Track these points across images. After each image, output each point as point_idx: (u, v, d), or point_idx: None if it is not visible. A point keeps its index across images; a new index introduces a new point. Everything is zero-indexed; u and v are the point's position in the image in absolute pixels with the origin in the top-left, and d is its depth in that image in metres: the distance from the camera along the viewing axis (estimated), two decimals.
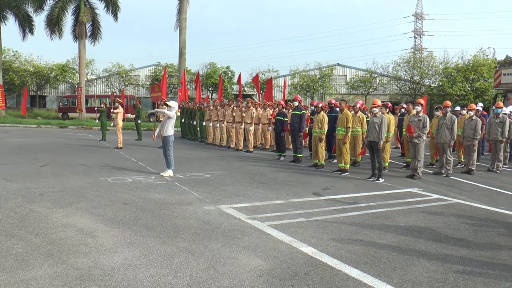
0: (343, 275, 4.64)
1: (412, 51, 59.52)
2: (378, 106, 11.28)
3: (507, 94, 23.13)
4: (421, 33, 74.81)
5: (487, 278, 4.74)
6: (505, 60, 51.77)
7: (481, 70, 42.26)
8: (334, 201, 8.32)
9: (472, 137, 12.60)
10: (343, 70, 52.80)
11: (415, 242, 5.94)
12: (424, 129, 11.48)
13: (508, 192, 9.97)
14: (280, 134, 15.01)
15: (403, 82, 48.35)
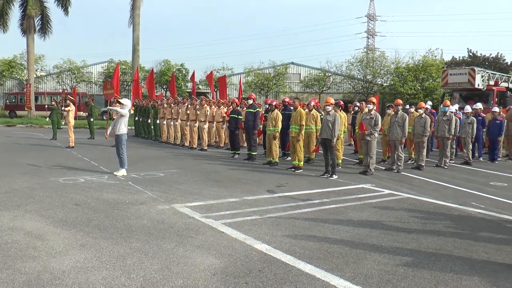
0: (296, 271, 4.69)
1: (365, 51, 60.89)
2: (331, 104, 11.46)
3: (454, 93, 23.98)
4: (373, 34, 76.46)
5: (433, 269, 4.92)
6: (451, 61, 53.78)
7: (430, 70, 43.73)
8: (288, 198, 8.40)
9: (422, 134, 12.98)
10: (297, 68, 53.35)
11: (367, 236, 6.09)
12: (376, 127, 11.74)
13: (455, 186, 10.35)
14: (234, 132, 15.02)
15: (356, 81, 49.32)
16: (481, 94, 22.61)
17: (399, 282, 4.50)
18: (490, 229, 6.75)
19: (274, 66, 49.38)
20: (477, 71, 22.76)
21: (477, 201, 8.70)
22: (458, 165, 14.34)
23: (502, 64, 53.29)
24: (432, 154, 16.09)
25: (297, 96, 16.50)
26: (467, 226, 6.87)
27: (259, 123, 14.51)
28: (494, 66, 48.08)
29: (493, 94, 22.68)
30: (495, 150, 15.84)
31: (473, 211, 7.92)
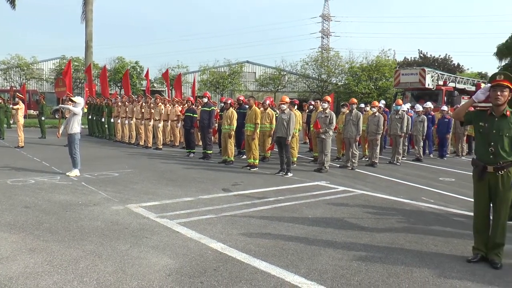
0: (252, 269, 4.72)
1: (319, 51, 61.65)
2: (286, 103, 11.57)
3: (405, 93, 24.64)
4: (328, 34, 77.47)
5: (386, 262, 5.06)
6: (403, 62, 55.29)
7: (383, 70, 44.84)
8: (243, 197, 8.42)
9: (375, 132, 13.28)
10: (253, 67, 53.54)
11: (322, 232, 6.18)
12: (330, 125, 11.92)
13: (406, 182, 10.65)
14: (189, 131, 14.92)
15: (311, 80, 49.93)
16: (431, 94, 23.34)
17: (352, 276, 4.60)
18: (439, 222, 6.99)
19: (229, 64, 49.39)
20: (427, 71, 23.49)
21: (427, 196, 9.01)
22: (410, 162, 14.76)
23: (450, 65, 55.40)
24: (385, 151, 16.52)
25: (252, 95, 16.55)
26: (418, 220, 7.09)
27: (214, 122, 14.48)
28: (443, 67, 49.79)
29: (442, 93, 23.44)
30: (444, 147, 16.44)
31: (423, 205, 8.19)
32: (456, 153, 17.24)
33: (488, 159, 5.09)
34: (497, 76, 5.14)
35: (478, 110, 5.35)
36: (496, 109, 5.09)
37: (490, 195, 5.15)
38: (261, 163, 12.72)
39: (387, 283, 4.47)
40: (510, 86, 5.03)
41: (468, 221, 6.38)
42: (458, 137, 17.07)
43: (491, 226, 5.21)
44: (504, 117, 5.05)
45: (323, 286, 4.35)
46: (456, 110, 5.64)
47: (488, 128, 5.09)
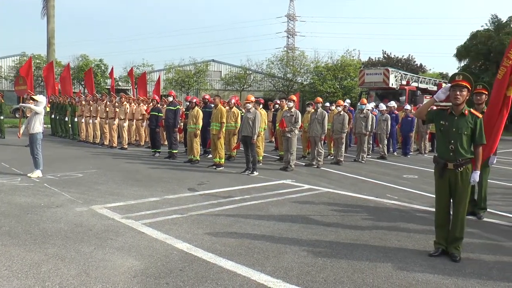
0: (218, 268, 4.71)
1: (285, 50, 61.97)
2: (252, 102, 11.59)
3: (370, 92, 25.05)
4: (293, 33, 77.92)
5: (351, 258, 5.15)
6: (368, 61, 56.23)
7: (348, 69, 45.45)
8: (209, 196, 8.40)
9: (340, 131, 13.43)
10: (218, 66, 53.37)
11: (288, 230, 6.22)
12: (296, 124, 11.99)
13: (371, 180, 10.83)
14: (155, 130, 14.78)
15: (277, 79, 50.12)
16: (394, 93, 23.80)
17: (318, 273, 4.65)
18: (402, 218, 7.13)
19: (195, 63, 49.15)
20: (391, 71, 23.96)
21: (391, 193, 9.19)
22: (374, 160, 15.01)
23: (413, 65, 56.72)
24: (350, 149, 16.74)
25: (218, 94, 16.51)
26: (382, 216, 7.23)
27: (179, 121, 14.37)
28: (406, 67, 50.88)
29: (405, 93, 23.93)
30: (408, 145, 16.83)
31: (387, 202, 8.35)
32: (419, 151, 17.61)
33: (448, 156, 5.24)
34: (457, 76, 5.33)
35: (439, 109, 5.50)
36: (456, 108, 5.26)
37: (450, 191, 5.31)
38: (227, 162, 12.71)
39: (352, 279, 4.53)
40: (468, 86, 5.22)
41: (430, 217, 6.53)
42: (421, 135, 17.45)
43: (451, 221, 5.36)
44: (463, 116, 5.22)
45: (288, 283, 4.38)
46: (418, 109, 5.78)
47: (448, 126, 5.24)
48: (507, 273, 4.86)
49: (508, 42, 6.88)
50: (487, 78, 28.13)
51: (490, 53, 34.81)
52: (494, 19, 37.46)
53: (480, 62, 37.04)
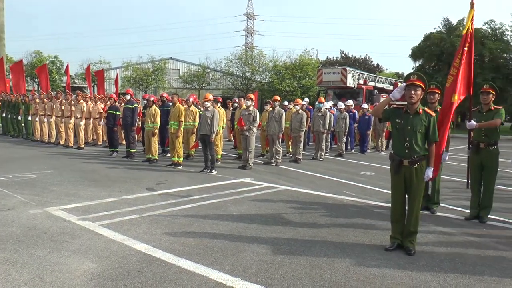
0: (176, 268, 4.67)
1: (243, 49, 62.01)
2: (210, 100, 11.54)
3: (328, 91, 25.42)
4: (252, 32, 78.12)
5: (309, 255, 5.22)
6: (326, 61, 57.00)
7: (306, 68, 45.91)
8: (167, 195, 8.31)
9: (299, 129, 13.54)
10: (177, 64, 52.86)
11: (246, 228, 6.24)
12: (254, 122, 12.02)
13: (329, 177, 10.97)
14: (112, 129, 14.51)
15: (236, 77, 50.11)
16: (352, 92, 24.26)
17: (276, 270, 4.68)
18: (359, 214, 7.28)
19: (153, 61, 48.51)
20: (349, 70, 24.42)
21: (349, 190, 9.34)
22: (332, 157, 15.22)
23: (370, 65, 57.88)
24: (309, 147, 16.92)
25: (176, 92, 16.38)
26: (340, 213, 7.34)
27: (137, 120, 14.16)
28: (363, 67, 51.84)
29: (362, 92, 24.42)
30: (365, 143, 17.14)
31: (345, 199, 8.49)
32: (376, 148, 17.99)
33: (403, 153, 5.38)
34: (411, 76, 5.49)
35: (395, 108, 5.64)
36: (411, 107, 5.41)
37: (405, 187, 5.45)
38: (185, 161, 12.63)
39: (310, 275, 4.59)
40: (422, 85, 5.39)
41: (386, 212, 6.66)
42: (378, 133, 17.83)
43: (406, 216, 5.51)
44: (417, 115, 5.38)
45: (247, 281, 4.39)
46: (375, 108, 5.90)
47: (404, 124, 5.39)
48: (457, 264, 5.08)
49: (459, 44, 7.16)
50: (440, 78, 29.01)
51: (442, 54, 35.94)
52: (446, 22, 38.69)
53: (433, 62, 38.18)
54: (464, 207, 7.69)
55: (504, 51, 35.70)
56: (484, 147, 7.03)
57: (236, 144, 15.32)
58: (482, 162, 7.08)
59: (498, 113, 6.99)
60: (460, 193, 9.04)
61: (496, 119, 6.90)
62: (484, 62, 34.87)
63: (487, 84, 7.23)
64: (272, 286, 4.31)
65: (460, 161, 13.52)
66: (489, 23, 37.53)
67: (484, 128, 6.97)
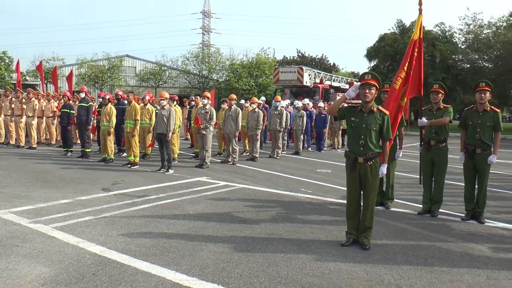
0: (132, 270, 4.60)
1: (200, 47, 61.75)
2: (166, 98, 11.43)
3: (284, 90, 25.62)
4: (209, 30, 77.69)
5: (266, 252, 5.25)
6: (282, 60, 57.49)
7: (263, 67, 46.16)
8: (123, 196, 8.17)
9: (255, 128, 13.60)
10: (133, 61, 52.03)
11: (203, 228, 6.21)
12: (211, 121, 11.98)
13: (286, 175, 11.06)
14: (66, 128, 14.15)
15: (192, 76, 49.86)
16: (309, 91, 24.53)
17: (233, 269, 4.69)
18: (316, 211, 7.37)
19: (108, 58, 47.62)
20: (305, 69, 24.69)
21: (306, 187, 9.45)
22: (289, 156, 15.35)
23: (326, 64, 58.78)
24: (266, 146, 17.02)
25: (133, 90, 16.15)
26: (297, 210, 7.42)
27: (92, 118, 13.86)
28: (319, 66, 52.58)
29: (319, 90, 24.73)
30: (321, 141, 17.37)
31: (302, 196, 8.58)
32: (333, 146, 18.29)
33: (358, 151, 5.49)
34: (366, 75, 5.61)
35: (350, 106, 5.74)
36: (365, 105, 5.53)
37: (360, 183, 5.57)
38: (141, 161, 12.46)
39: (266, 272, 4.62)
40: (376, 85, 5.51)
41: (342, 208, 6.77)
42: (334, 131, 18.12)
43: (361, 212, 5.63)
44: (372, 113, 5.50)
45: (204, 281, 4.38)
46: (330, 106, 5.99)
47: (358, 122, 5.50)
48: (410, 257, 5.25)
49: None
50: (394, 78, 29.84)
51: (396, 55, 36.95)
52: (399, 23, 39.82)
53: (387, 62, 39.22)
54: (417, 202, 7.94)
55: (453, 52, 37.12)
56: (434, 144, 7.27)
57: (193, 142, 15.24)
58: (432, 159, 7.33)
59: (447, 111, 7.26)
60: (413, 188, 9.29)
61: (445, 117, 7.16)
62: (435, 63, 36.16)
63: (437, 84, 7.50)
64: (229, 284, 4.31)
65: (413, 158, 13.89)
66: (439, 25, 39.03)
67: (434, 126, 7.23)
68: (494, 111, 6.94)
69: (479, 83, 7.06)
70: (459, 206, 7.70)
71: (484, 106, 6.95)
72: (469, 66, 38.11)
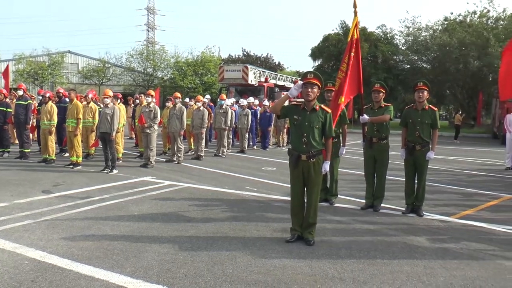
0: (74, 274, 4.47)
1: (145, 44, 60.83)
2: (110, 96, 11.19)
3: (230, 88, 25.65)
4: (153, 27, 76.58)
5: (211, 251, 5.27)
6: (228, 58, 57.56)
7: (208, 65, 46.02)
8: (65, 198, 7.93)
9: (200, 126, 13.54)
10: (75, 58, 50.51)
11: (148, 228, 6.13)
12: (155, 120, 11.83)
13: (231, 173, 11.10)
14: (2, 127, 13.54)
15: (137, 73, 49.10)
16: (254, 89, 24.67)
17: (178, 269, 4.66)
18: (261, 209, 7.45)
19: (49, 54, 46.02)
20: (250, 68, 24.81)
21: (251, 185, 9.52)
22: (234, 154, 15.40)
23: (271, 63, 59.49)
24: (211, 144, 16.99)
25: (75, 88, 15.69)
26: (242, 208, 7.46)
27: (31, 117, 13.36)
28: (265, 65, 53.03)
29: (264, 89, 24.93)
30: (266, 139, 17.53)
31: (247, 194, 8.65)
32: (278, 144, 18.50)
33: (301, 148, 5.58)
34: (308, 74, 5.72)
35: (293, 105, 5.83)
36: (308, 104, 5.64)
37: (304, 180, 5.66)
38: (84, 161, 12.13)
39: (212, 271, 4.62)
40: (318, 83, 5.62)
41: (287, 205, 6.85)
42: (279, 129, 18.32)
43: (305, 208, 5.73)
44: (314, 111, 5.63)
45: (149, 282, 4.32)
46: (274, 105, 6.06)
47: (301, 121, 5.60)
48: (353, 251, 5.42)
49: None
50: None
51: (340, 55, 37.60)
52: (343, 24, 40.71)
53: (332, 62, 40.01)
54: (360, 197, 8.16)
55: (394, 53, 38.47)
56: (376, 142, 7.52)
57: (138, 142, 14.99)
58: (374, 155, 7.58)
59: (387, 109, 7.53)
60: (357, 184, 9.55)
61: (385, 115, 7.42)
62: (377, 63, 37.31)
63: (378, 83, 7.76)
64: (174, 285, 4.28)
65: (356, 155, 14.24)
66: (381, 27, 40.27)
67: (376, 124, 7.47)
68: (432, 110, 7.27)
69: (417, 83, 7.36)
70: (400, 201, 7.99)
71: (423, 105, 7.25)
72: (409, 67, 39.55)
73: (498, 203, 8.61)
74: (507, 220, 7.18)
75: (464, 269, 4.93)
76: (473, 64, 33.69)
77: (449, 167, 13.50)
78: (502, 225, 6.81)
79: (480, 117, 36.90)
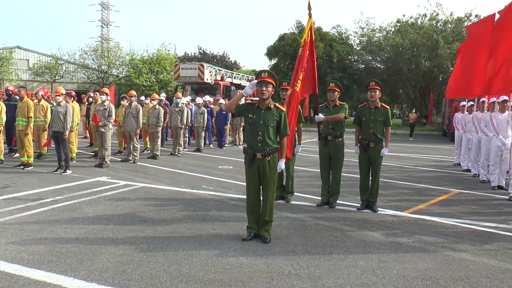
0: (24, 280, 4.32)
1: (99, 40, 59.61)
2: (62, 94, 10.91)
3: (186, 86, 25.48)
4: (108, 23, 74.98)
5: (167, 251, 5.23)
6: (184, 56, 57.15)
7: (164, 63, 45.59)
8: (15, 200, 7.67)
9: (156, 125, 13.40)
10: (25, 54, 48.79)
11: (103, 230, 6.02)
12: (110, 118, 11.62)
13: (188, 172, 11.05)
14: None
15: (91, 71, 48.10)
16: (210, 88, 24.62)
17: (134, 270, 4.60)
18: (217, 208, 7.45)
19: None
20: (206, 66, 24.71)
21: (207, 184, 9.50)
22: (191, 153, 15.34)
23: (227, 61, 59.41)
24: (167, 143, 16.84)
25: (25, 85, 15.22)
26: (198, 207, 7.44)
27: None
28: (221, 63, 52.93)
29: (220, 87, 24.90)
30: (223, 138, 17.54)
31: (203, 193, 8.63)
32: (234, 142, 18.52)
33: (257, 147, 5.62)
34: (262, 73, 5.76)
35: (248, 103, 5.86)
36: (262, 102, 5.67)
37: (259, 178, 5.70)
38: (36, 161, 11.78)
39: (168, 272, 4.59)
40: (273, 82, 5.66)
41: (243, 204, 6.84)
42: (235, 128, 18.35)
43: (261, 206, 5.77)
44: (269, 110, 5.66)
45: (103, 285, 4.24)
46: (228, 103, 6.07)
47: (256, 119, 5.62)
48: (309, 247, 5.51)
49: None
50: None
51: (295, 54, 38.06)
52: (298, 24, 41.09)
53: (287, 61, 40.33)
54: (316, 194, 8.29)
55: (349, 53, 39.21)
56: (331, 139, 7.65)
57: (92, 141, 14.70)
58: (330, 153, 7.71)
59: (342, 108, 7.68)
60: (313, 181, 9.69)
61: (340, 113, 7.56)
62: (332, 63, 37.92)
63: (333, 82, 7.89)
64: (130, 287, 4.22)
65: (312, 153, 14.42)
66: (336, 27, 40.87)
67: (331, 122, 7.59)
68: (384, 108, 7.46)
69: (369, 82, 7.54)
70: (355, 197, 8.17)
71: (375, 103, 7.43)
72: (364, 67, 40.44)
73: (447, 197, 8.94)
74: (455, 213, 7.48)
75: (416, 261, 5.12)
76: (424, 65, 34.80)
77: (402, 163, 13.89)
78: (451, 219, 7.09)
79: (431, 115, 38.09)
